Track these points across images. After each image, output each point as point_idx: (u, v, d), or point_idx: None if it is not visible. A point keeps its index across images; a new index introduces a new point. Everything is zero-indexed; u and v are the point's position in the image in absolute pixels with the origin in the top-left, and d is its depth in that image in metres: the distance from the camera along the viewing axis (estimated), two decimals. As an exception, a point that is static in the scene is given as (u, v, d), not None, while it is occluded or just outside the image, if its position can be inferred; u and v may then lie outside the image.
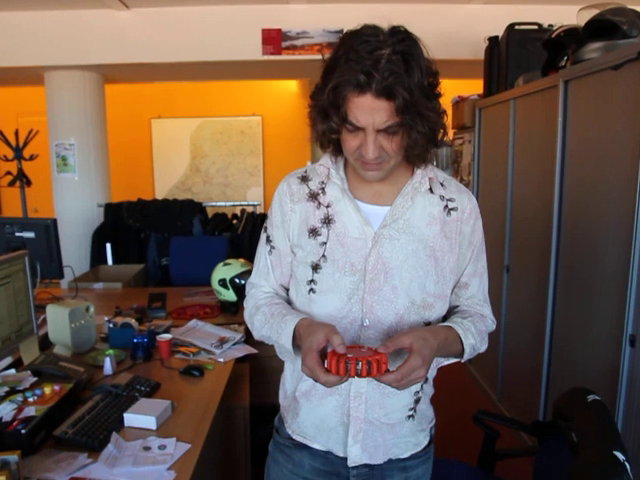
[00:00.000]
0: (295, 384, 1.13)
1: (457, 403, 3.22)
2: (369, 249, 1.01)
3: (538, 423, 1.63)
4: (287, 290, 1.14)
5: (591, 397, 1.38)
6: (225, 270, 2.64)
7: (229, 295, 2.61)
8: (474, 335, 1.04)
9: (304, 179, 1.09)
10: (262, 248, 1.14)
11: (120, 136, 5.78)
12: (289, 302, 1.12)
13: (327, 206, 1.04)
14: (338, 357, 0.86)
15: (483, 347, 1.09)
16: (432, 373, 1.14)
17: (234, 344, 2.15)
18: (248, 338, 2.42)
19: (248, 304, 1.15)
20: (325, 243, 1.03)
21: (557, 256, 2.43)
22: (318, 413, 1.09)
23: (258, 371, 2.45)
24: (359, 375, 0.86)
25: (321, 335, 0.90)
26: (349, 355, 0.87)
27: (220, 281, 2.62)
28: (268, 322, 1.05)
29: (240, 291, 2.54)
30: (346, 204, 1.03)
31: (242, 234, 3.91)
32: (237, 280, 2.60)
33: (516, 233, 2.96)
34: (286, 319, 1.01)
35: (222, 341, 2.14)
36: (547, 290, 2.49)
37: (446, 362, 1.12)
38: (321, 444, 1.11)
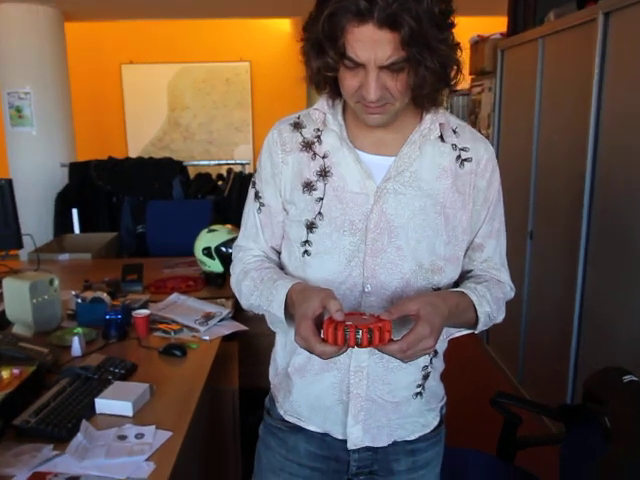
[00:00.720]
0: (287, 358, 1.14)
1: (471, 384, 3.26)
2: (371, 205, 1.01)
3: (565, 407, 1.65)
4: (279, 253, 1.15)
5: (627, 377, 1.39)
6: (210, 238, 2.64)
7: (215, 266, 2.62)
8: (490, 302, 1.04)
9: (297, 126, 1.07)
10: (250, 206, 1.14)
11: (85, 85, 5.70)
12: (281, 267, 1.13)
13: (323, 157, 1.04)
14: (335, 325, 0.87)
15: (500, 317, 1.10)
16: (442, 345, 1.15)
17: (221, 320, 2.16)
18: (237, 313, 2.43)
19: (235, 269, 1.16)
20: (321, 199, 1.02)
21: (589, 221, 2.42)
22: (313, 390, 1.10)
23: (248, 351, 2.46)
24: (359, 345, 0.87)
25: (316, 301, 0.90)
26: (348, 323, 0.88)
27: (204, 250, 2.62)
28: (257, 288, 1.06)
29: (227, 261, 2.55)
30: (345, 154, 1.03)
31: (229, 197, 3.90)
32: (223, 249, 2.60)
33: (541, 194, 2.95)
34: (277, 284, 1.02)
35: (207, 317, 2.15)
36: (577, 258, 2.49)
37: (458, 333, 1.13)
38: (317, 425, 1.13)
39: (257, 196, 1.12)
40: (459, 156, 1.04)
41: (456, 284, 1.11)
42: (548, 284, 2.87)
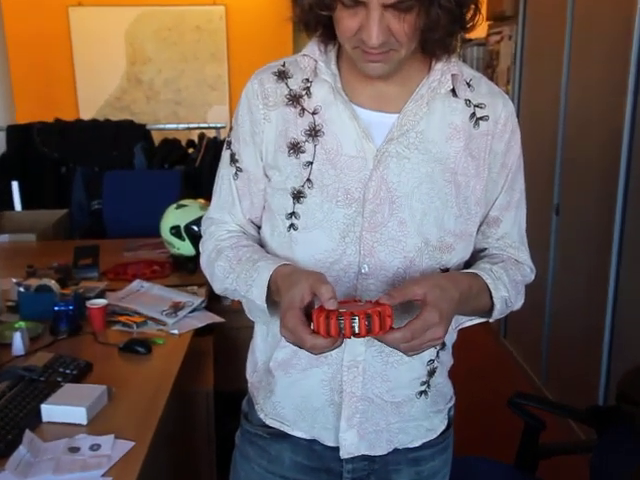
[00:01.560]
0: (269, 352, 1.14)
1: (485, 384, 3.29)
2: (369, 171, 1.01)
3: (596, 409, 1.67)
4: (259, 228, 1.15)
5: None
6: (179, 215, 2.64)
7: (185, 248, 2.62)
8: (507, 286, 1.05)
9: (282, 75, 1.06)
10: (225, 170, 1.14)
11: (24, 31, 5.58)
12: (262, 244, 1.13)
13: (313, 113, 1.03)
14: (328, 313, 0.87)
15: (518, 303, 1.11)
16: (451, 337, 1.16)
17: (192, 311, 2.16)
18: (211, 303, 2.43)
19: (206, 247, 1.16)
20: (310, 163, 1.02)
21: (625, 194, 2.43)
22: (300, 390, 1.11)
23: (225, 347, 2.48)
24: (356, 335, 0.87)
25: (305, 286, 0.90)
26: (342, 310, 0.88)
27: (172, 229, 2.63)
28: (234, 270, 1.06)
29: (199, 242, 2.55)
30: (339, 110, 1.02)
31: (201, 167, 3.90)
32: (195, 228, 2.60)
33: (570, 162, 2.95)
34: (258, 266, 1.02)
35: (176, 308, 2.16)
36: (611, 238, 2.51)
37: (469, 322, 1.14)
38: (304, 431, 1.13)
39: (233, 159, 1.12)
40: (473, 114, 1.04)
41: (467, 265, 1.11)
42: (577, 268, 2.89)
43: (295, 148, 1.04)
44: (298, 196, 1.03)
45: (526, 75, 3.50)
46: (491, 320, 1.10)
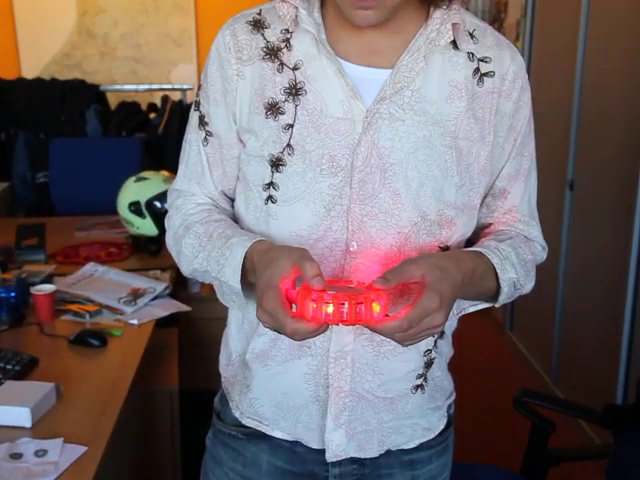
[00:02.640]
0: (245, 342, 1.15)
1: (488, 380, 3.33)
2: (358, 135, 1.01)
3: (614, 408, 1.69)
4: (232, 201, 1.16)
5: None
6: (139, 189, 2.65)
7: (146, 227, 2.63)
8: (515, 266, 1.06)
9: (257, 25, 1.05)
10: (193, 135, 1.14)
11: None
12: (236, 219, 1.14)
13: (294, 68, 1.03)
14: (313, 294, 0.88)
15: (528, 285, 1.12)
16: (451, 324, 1.17)
17: (154, 299, 2.18)
18: (177, 290, 2.43)
19: (172, 222, 1.16)
20: (291, 126, 1.02)
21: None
22: (280, 384, 1.12)
23: (192, 340, 2.48)
24: (345, 322, 0.87)
25: (287, 263, 0.91)
26: (330, 292, 0.88)
27: (131, 206, 2.63)
28: (204, 248, 1.07)
29: (162, 220, 2.55)
30: (323, 65, 1.01)
31: (164, 134, 3.89)
32: (157, 204, 2.61)
33: (587, 130, 2.97)
34: (231, 243, 1.02)
35: (136, 294, 2.17)
36: (632, 217, 2.53)
37: (472, 308, 1.16)
38: (285, 431, 1.14)
39: (202, 122, 1.11)
40: (477, 69, 1.04)
41: (470, 243, 1.12)
42: (593, 251, 2.92)
43: (273, 109, 1.03)
44: (277, 164, 1.03)
45: (537, 29, 3.50)
46: (497, 305, 1.10)
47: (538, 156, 1.15)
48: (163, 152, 3.83)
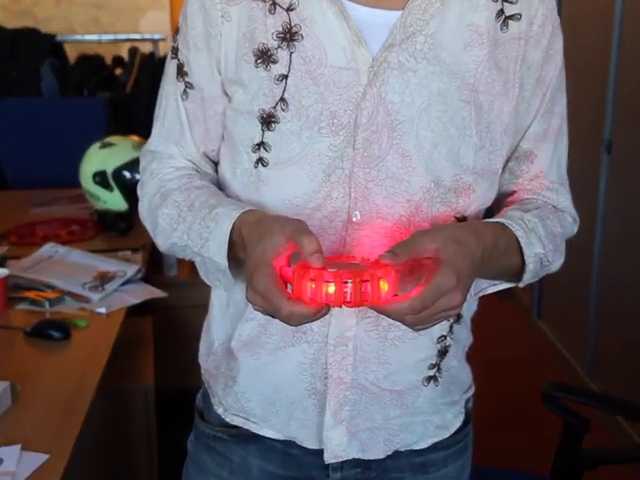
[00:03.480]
0: (230, 328, 1.16)
1: (513, 373, 3.35)
2: (363, 88, 1.00)
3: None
4: (217, 165, 1.16)
5: None
6: (105, 157, 2.64)
7: (113, 201, 2.63)
8: (542, 240, 1.06)
9: None
10: (170, 87, 1.14)
11: None
12: (220, 186, 1.14)
13: (288, 9, 1.02)
14: (312, 272, 0.88)
15: (556, 262, 1.12)
16: (469, 307, 1.18)
17: (125, 284, 2.18)
18: (151, 273, 2.44)
19: (147, 189, 1.16)
20: (285, 77, 1.02)
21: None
22: (271, 376, 1.12)
23: (169, 331, 2.50)
24: (348, 303, 0.88)
25: (281, 237, 0.91)
26: (331, 270, 0.88)
27: (96, 176, 2.63)
28: (184, 220, 1.07)
29: (133, 192, 2.54)
30: (322, 5, 1.01)
31: (133, 93, 3.90)
32: (127, 174, 2.61)
33: (626, 87, 2.97)
34: (216, 213, 1.02)
35: (103, 279, 2.17)
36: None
37: (493, 288, 1.15)
38: (277, 430, 1.15)
39: (181, 72, 1.11)
40: (501, 11, 1.04)
41: (490, 214, 1.12)
42: (634, 224, 2.93)
43: (264, 57, 1.03)
44: (268, 121, 1.03)
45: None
46: (521, 285, 1.10)
47: (570, 114, 1.14)
48: (132, 113, 3.82)
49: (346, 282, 0.87)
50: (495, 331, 3.51)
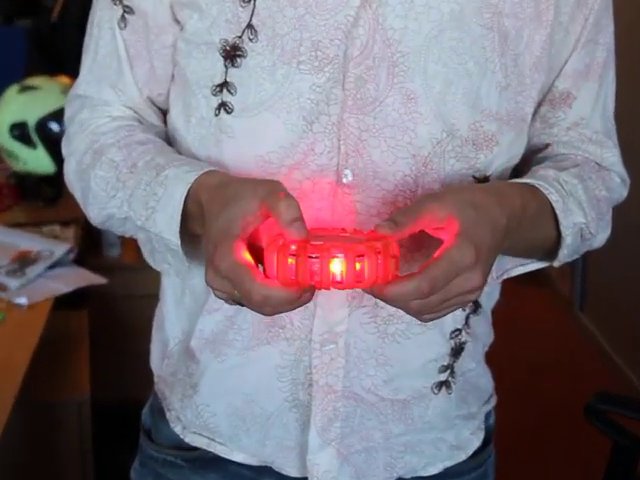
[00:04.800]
0: (188, 323, 1.16)
1: (550, 380, 3.37)
2: (355, 11, 0.99)
3: None
4: (165, 113, 1.16)
5: None
6: (25, 104, 2.65)
7: (36, 160, 2.64)
8: (583, 206, 1.06)
9: None
10: (103, 13, 1.13)
11: None
12: (170, 140, 1.15)
13: None
14: (291, 246, 0.88)
15: (601, 235, 1.12)
16: (490, 295, 1.19)
17: (52, 267, 2.19)
18: (86, 254, 2.46)
19: (75, 145, 1.16)
20: None
21: None
22: (241, 383, 1.13)
23: (111, 327, 2.51)
24: (338, 284, 0.88)
25: (251, 203, 0.90)
26: (315, 243, 0.88)
27: (14, 129, 2.63)
28: (124, 185, 1.06)
29: (60, 150, 2.56)
30: None
31: (62, 22, 3.88)
32: (53, 126, 2.62)
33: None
34: (166, 176, 1.02)
35: (24, 261, 2.18)
36: None
37: (520, 269, 1.15)
38: (249, 452, 1.15)
39: None
40: None
41: (517, 174, 1.12)
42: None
43: None
44: (232, 55, 1.03)
45: None
46: (556, 264, 1.10)
47: (618, 46, 1.13)
48: (59, 48, 3.80)
49: (335, 256, 0.86)
50: (524, 326, 3.52)
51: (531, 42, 1.05)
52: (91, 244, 2.55)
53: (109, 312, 2.52)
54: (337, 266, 0.86)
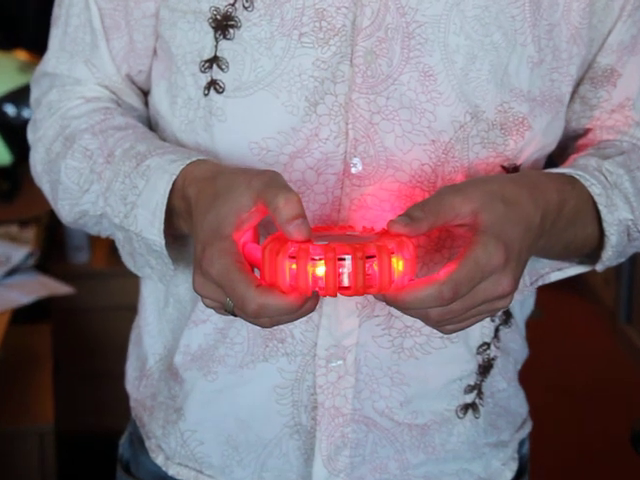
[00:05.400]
0: (171, 336, 1.18)
1: (591, 403, 3.38)
2: None
3: None
4: (146, 94, 1.18)
5: None
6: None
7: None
8: (630, 200, 1.06)
9: None
10: None
11: None
12: (152, 125, 1.16)
13: None
14: (292, 247, 0.87)
15: None
16: (524, 304, 1.20)
17: (10, 274, 2.19)
18: (50, 259, 2.47)
19: (43, 131, 1.16)
20: None
21: None
22: (233, 406, 1.13)
23: (79, 344, 2.51)
24: (346, 290, 0.87)
25: (245, 197, 0.90)
26: (319, 243, 0.87)
27: (-37, 113, 2.66)
28: (99, 176, 1.07)
29: (20, 137, 2.53)
30: None
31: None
32: (10, 109, 2.62)
33: None
34: (148, 166, 1.02)
35: (-24, 268, 2.19)
36: None
37: (557, 274, 1.15)
38: None
39: None
40: None
41: (552, 163, 1.12)
42: None
43: None
44: (224, 25, 1.04)
45: None
46: (599, 268, 1.11)
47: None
48: (15, 17, 3.83)
49: (342, 259, 0.85)
50: (562, 341, 3.52)
51: (568, 11, 1.05)
52: (54, 247, 2.55)
53: (76, 327, 2.51)
54: (344, 269, 0.85)
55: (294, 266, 0.85)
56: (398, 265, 0.87)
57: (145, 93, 1.16)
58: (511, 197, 0.93)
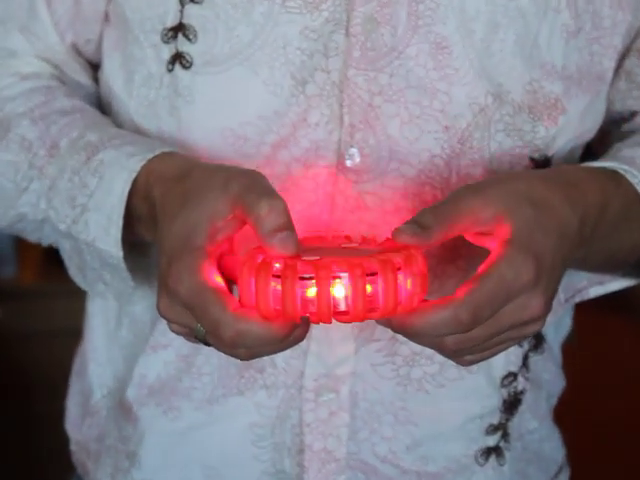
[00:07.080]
0: (124, 365, 1.19)
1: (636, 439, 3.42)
2: None
3: None
4: (96, 69, 1.19)
5: None
6: None
7: None
8: None
9: None
10: None
11: None
12: (104, 107, 1.18)
13: None
14: (276, 265, 0.86)
15: None
16: (559, 325, 1.22)
17: None
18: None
19: None
20: None
21: None
22: (201, 450, 1.15)
23: (6, 376, 2.50)
24: (342, 316, 0.87)
25: (220, 201, 0.90)
26: (309, 258, 0.87)
27: None
28: (40, 172, 1.09)
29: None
30: None
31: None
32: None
33: None
34: (101, 161, 1.04)
35: None
36: None
37: (597, 289, 1.18)
38: None
39: None
40: None
41: (590, 154, 1.14)
42: None
43: None
44: None
45: None
46: None
47: None
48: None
49: (337, 277, 0.85)
50: (602, 368, 3.52)
51: None
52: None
53: (2, 355, 2.52)
54: (340, 290, 0.85)
55: (279, 287, 0.85)
56: (406, 284, 0.86)
57: (95, 67, 1.17)
58: (542, 198, 0.94)
